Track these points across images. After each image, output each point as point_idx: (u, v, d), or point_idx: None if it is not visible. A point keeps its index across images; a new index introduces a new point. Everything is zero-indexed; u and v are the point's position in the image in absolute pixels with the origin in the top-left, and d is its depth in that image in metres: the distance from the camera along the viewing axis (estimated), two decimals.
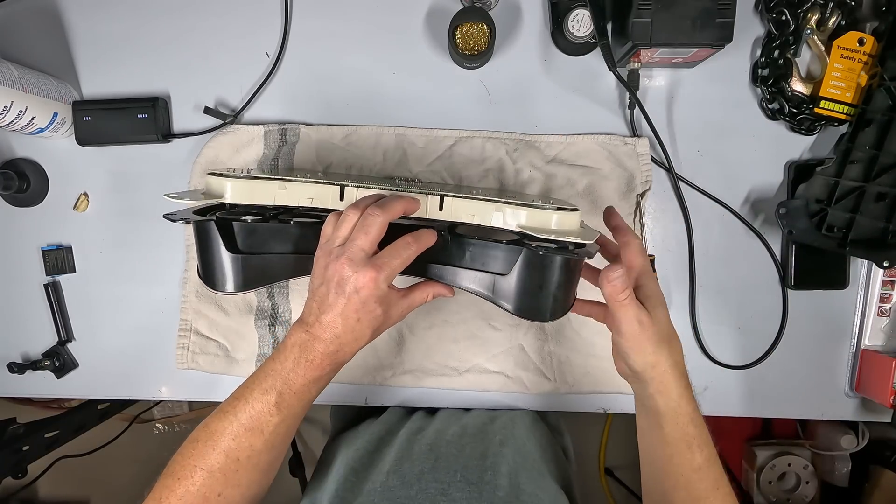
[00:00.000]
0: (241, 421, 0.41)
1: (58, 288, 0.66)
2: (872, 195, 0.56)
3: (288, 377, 0.42)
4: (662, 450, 0.44)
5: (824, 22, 0.58)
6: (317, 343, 0.42)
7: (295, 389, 0.42)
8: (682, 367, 0.45)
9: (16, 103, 0.56)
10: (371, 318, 0.42)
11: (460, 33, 0.57)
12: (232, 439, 0.41)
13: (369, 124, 0.63)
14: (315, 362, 0.42)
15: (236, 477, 0.42)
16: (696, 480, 0.43)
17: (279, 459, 0.46)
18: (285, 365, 0.42)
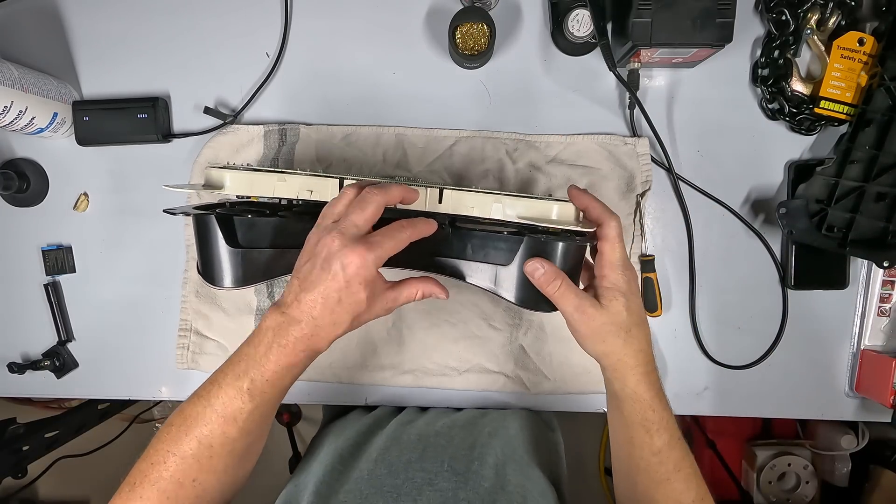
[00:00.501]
0: (214, 407, 0.40)
1: (58, 288, 0.66)
2: (872, 195, 0.56)
3: (260, 363, 0.40)
4: (623, 432, 0.46)
5: (824, 22, 0.58)
6: (291, 326, 0.39)
7: (267, 376, 0.40)
8: (644, 356, 0.44)
9: (16, 103, 0.56)
10: (353, 301, 0.39)
11: (460, 33, 0.57)
12: (205, 426, 0.40)
13: (369, 124, 0.63)
14: (288, 348, 0.39)
15: (210, 463, 0.40)
16: (655, 464, 0.44)
17: (258, 443, 0.45)
18: (258, 350, 0.40)
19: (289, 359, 0.40)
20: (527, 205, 0.47)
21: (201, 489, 0.41)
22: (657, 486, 0.44)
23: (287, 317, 0.39)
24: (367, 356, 0.63)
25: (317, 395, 0.65)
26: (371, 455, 0.51)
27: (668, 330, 0.63)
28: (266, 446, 0.64)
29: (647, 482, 0.45)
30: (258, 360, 0.40)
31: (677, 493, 0.44)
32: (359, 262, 0.38)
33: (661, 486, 0.44)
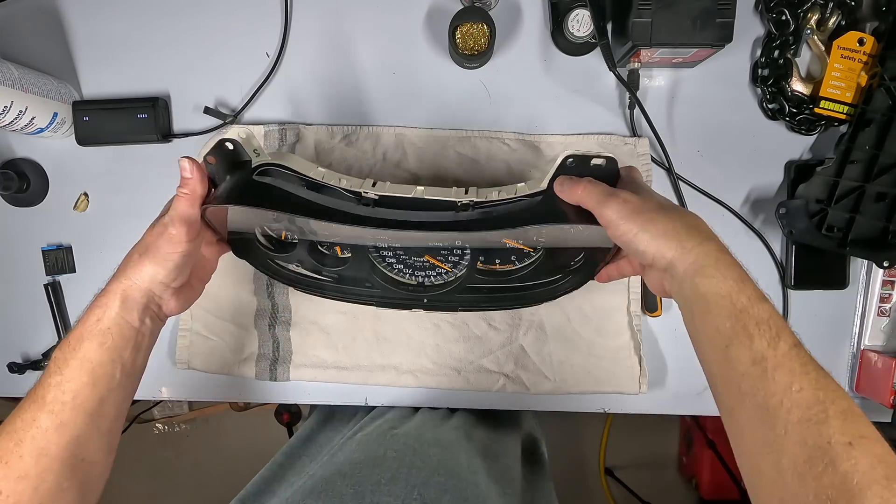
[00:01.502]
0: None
1: (58, 288, 0.66)
2: (872, 195, 0.56)
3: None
4: (708, 346, 0.36)
5: (824, 22, 0.58)
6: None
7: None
8: (709, 232, 0.39)
9: (16, 103, 0.56)
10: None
11: (460, 33, 0.57)
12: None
13: (369, 124, 0.63)
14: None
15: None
16: (757, 375, 0.32)
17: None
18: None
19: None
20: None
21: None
22: (765, 415, 0.31)
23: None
24: (368, 357, 0.63)
25: (317, 396, 0.65)
26: (343, 469, 0.48)
27: (668, 330, 0.63)
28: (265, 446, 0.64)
29: (751, 414, 0.32)
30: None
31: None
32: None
33: (772, 415, 0.31)
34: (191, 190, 0.42)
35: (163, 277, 0.43)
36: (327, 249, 0.58)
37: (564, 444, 1.46)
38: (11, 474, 0.37)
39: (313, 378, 0.64)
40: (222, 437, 1.55)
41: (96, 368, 0.40)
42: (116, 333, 0.41)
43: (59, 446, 0.38)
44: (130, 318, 0.42)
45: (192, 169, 0.42)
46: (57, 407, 0.39)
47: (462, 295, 0.57)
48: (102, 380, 0.40)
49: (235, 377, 0.64)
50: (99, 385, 0.40)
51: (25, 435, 0.38)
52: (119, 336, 0.41)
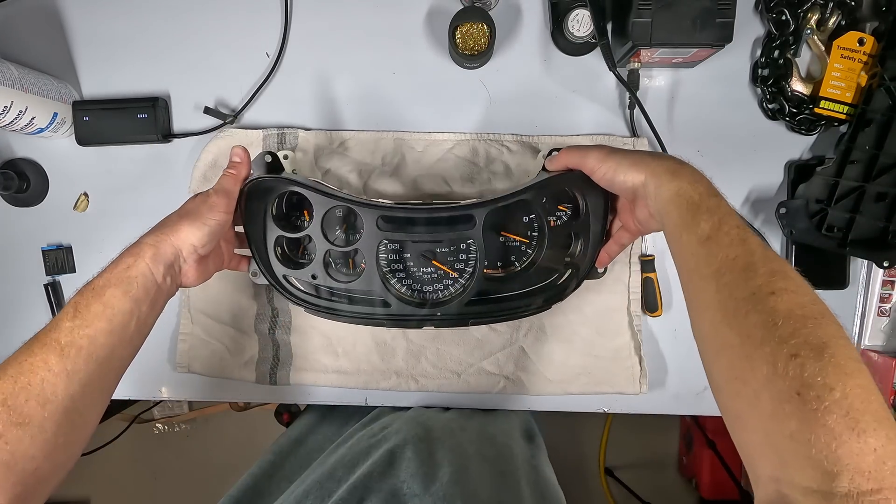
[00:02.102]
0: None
1: (58, 288, 0.66)
2: (872, 195, 0.56)
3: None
4: (671, 239, 0.40)
5: (824, 22, 0.58)
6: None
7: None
8: (690, 169, 0.42)
9: (16, 103, 0.56)
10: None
11: (460, 33, 0.57)
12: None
13: (368, 129, 0.63)
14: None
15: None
16: (703, 256, 0.36)
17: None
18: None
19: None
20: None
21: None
22: (703, 284, 0.36)
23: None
24: (368, 362, 0.63)
25: (317, 396, 0.65)
26: (336, 473, 0.50)
27: (668, 330, 0.63)
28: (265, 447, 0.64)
29: (697, 289, 0.37)
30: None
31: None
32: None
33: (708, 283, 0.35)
34: (237, 171, 0.49)
35: (196, 239, 0.45)
36: (340, 264, 0.59)
37: (564, 444, 1.46)
38: (13, 418, 0.34)
39: (314, 382, 0.64)
40: (222, 437, 1.55)
41: (115, 316, 0.39)
42: (140, 283, 0.41)
43: (65, 395, 0.36)
44: (157, 270, 0.43)
45: (242, 156, 0.50)
46: (72, 352, 0.37)
47: (471, 307, 0.57)
48: (118, 329, 0.40)
49: (236, 380, 0.64)
50: (114, 334, 0.39)
51: (34, 378, 0.35)
52: (142, 287, 0.42)
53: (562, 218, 0.58)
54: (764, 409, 0.30)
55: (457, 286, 0.59)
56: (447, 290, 0.59)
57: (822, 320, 0.30)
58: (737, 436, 0.33)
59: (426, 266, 0.59)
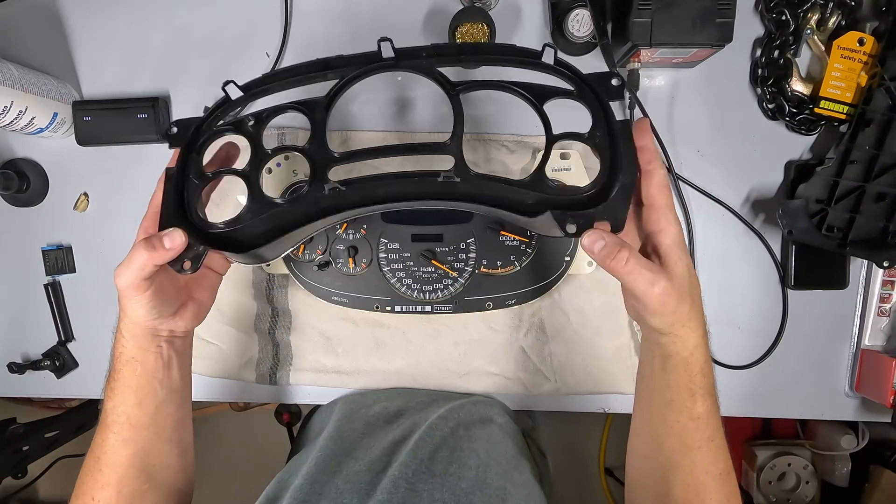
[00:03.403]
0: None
1: (58, 288, 0.66)
2: (872, 195, 0.56)
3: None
4: (663, 394, 0.42)
5: (824, 22, 0.58)
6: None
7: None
8: (702, 316, 0.41)
9: (16, 103, 0.56)
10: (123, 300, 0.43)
11: (460, 33, 0.57)
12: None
13: (368, 129, 0.62)
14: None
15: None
16: (692, 430, 0.41)
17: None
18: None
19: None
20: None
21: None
22: (686, 453, 0.42)
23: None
24: (368, 362, 0.63)
25: (317, 396, 0.65)
26: (354, 453, 0.52)
27: None
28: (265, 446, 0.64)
29: (676, 447, 0.42)
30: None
31: (706, 462, 0.42)
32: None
33: (691, 454, 0.42)
34: (156, 255, 0.39)
35: (144, 317, 0.42)
36: (340, 263, 0.59)
37: (564, 444, 1.46)
38: (97, 485, 0.44)
39: (314, 382, 0.64)
40: (222, 437, 1.55)
41: (137, 391, 0.44)
42: (142, 361, 0.44)
43: (127, 458, 0.44)
44: (146, 348, 0.44)
45: (176, 245, 0.40)
46: (117, 428, 0.44)
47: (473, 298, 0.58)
48: (147, 399, 0.44)
49: (236, 381, 0.64)
50: (145, 404, 0.44)
51: (101, 453, 0.44)
52: (145, 363, 0.44)
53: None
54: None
55: (456, 285, 0.59)
56: (446, 291, 0.59)
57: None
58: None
59: (426, 267, 0.59)
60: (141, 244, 0.40)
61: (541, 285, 0.60)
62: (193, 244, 0.40)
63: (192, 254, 0.41)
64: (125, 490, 0.44)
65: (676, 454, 0.42)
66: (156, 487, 0.46)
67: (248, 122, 0.44)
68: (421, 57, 0.43)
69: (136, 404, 0.44)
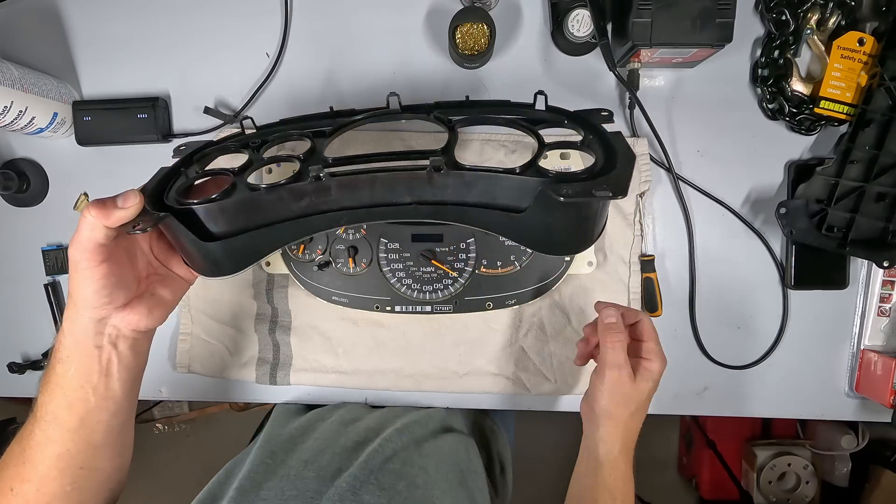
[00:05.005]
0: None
1: (58, 288, 0.66)
2: (872, 195, 0.56)
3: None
4: (588, 493, 0.50)
5: (824, 22, 0.58)
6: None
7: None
8: (634, 435, 0.50)
9: (16, 103, 0.56)
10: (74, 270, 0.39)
11: (460, 33, 0.57)
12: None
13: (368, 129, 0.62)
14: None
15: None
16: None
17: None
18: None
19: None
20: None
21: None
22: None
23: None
24: (368, 362, 0.63)
25: (317, 396, 0.65)
26: (303, 455, 0.50)
27: (668, 330, 0.63)
28: None
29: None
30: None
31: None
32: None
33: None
34: (106, 213, 0.37)
35: (92, 298, 0.38)
36: (341, 264, 0.59)
37: (565, 444, 1.46)
38: (18, 476, 0.42)
39: (313, 382, 0.64)
40: (222, 437, 1.55)
41: (68, 393, 0.41)
42: (77, 362, 0.40)
43: (52, 457, 0.41)
44: (85, 348, 0.40)
45: (131, 202, 0.37)
46: (44, 424, 0.41)
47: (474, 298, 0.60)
48: (77, 403, 0.41)
49: (235, 380, 0.64)
50: (75, 407, 0.41)
51: (27, 445, 0.42)
52: (79, 365, 0.40)
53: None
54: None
55: (456, 285, 0.59)
56: (446, 291, 0.60)
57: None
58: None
59: (426, 267, 0.59)
60: (91, 204, 0.36)
61: (541, 285, 0.60)
62: (150, 211, 0.38)
63: (148, 219, 0.38)
64: (45, 489, 0.42)
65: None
66: (82, 489, 0.43)
67: (252, 143, 0.47)
68: (424, 111, 0.47)
69: (66, 407, 0.41)
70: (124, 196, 0.37)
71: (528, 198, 0.39)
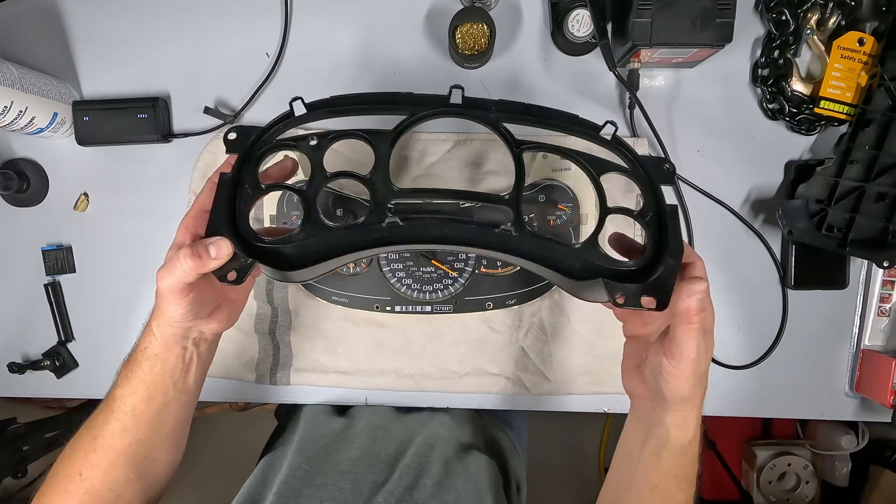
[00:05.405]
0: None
1: (58, 288, 0.66)
2: (872, 195, 0.56)
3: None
4: (648, 478, 0.43)
5: (824, 22, 0.58)
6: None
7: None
8: (701, 411, 0.43)
9: (16, 103, 0.56)
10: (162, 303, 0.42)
11: (460, 33, 0.57)
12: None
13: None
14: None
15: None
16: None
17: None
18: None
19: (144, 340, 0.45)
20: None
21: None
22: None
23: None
24: (368, 362, 0.63)
25: (317, 396, 0.65)
26: (340, 464, 0.53)
27: None
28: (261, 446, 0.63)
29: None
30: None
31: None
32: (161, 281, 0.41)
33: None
34: (200, 262, 0.39)
35: (180, 319, 0.42)
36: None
37: (564, 444, 1.46)
38: (87, 463, 0.45)
39: (314, 382, 0.64)
40: (222, 437, 1.55)
41: (150, 387, 0.45)
42: (164, 359, 0.44)
43: (123, 445, 0.45)
44: (171, 348, 0.44)
45: (222, 252, 0.39)
46: (121, 415, 0.45)
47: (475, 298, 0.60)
48: (157, 396, 0.45)
49: (235, 381, 0.64)
50: (154, 400, 0.45)
51: (99, 433, 0.45)
52: (166, 362, 0.44)
53: (561, 217, 0.59)
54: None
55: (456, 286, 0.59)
56: (446, 291, 0.60)
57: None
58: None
59: (426, 266, 0.59)
60: (187, 252, 0.38)
61: (541, 285, 0.60)
62: (239, 255, 0.40)
63: (237, 264, 0.40)
64: (111, 476, 0.45)
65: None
66: (141, 479, 0.47)
67: (310, 140, 0.44)
68: (489, 110, 0.45)
69: (146, 399, 0.45)
70: (217, 246, 0.39)
71: (583, 272, 0.42)
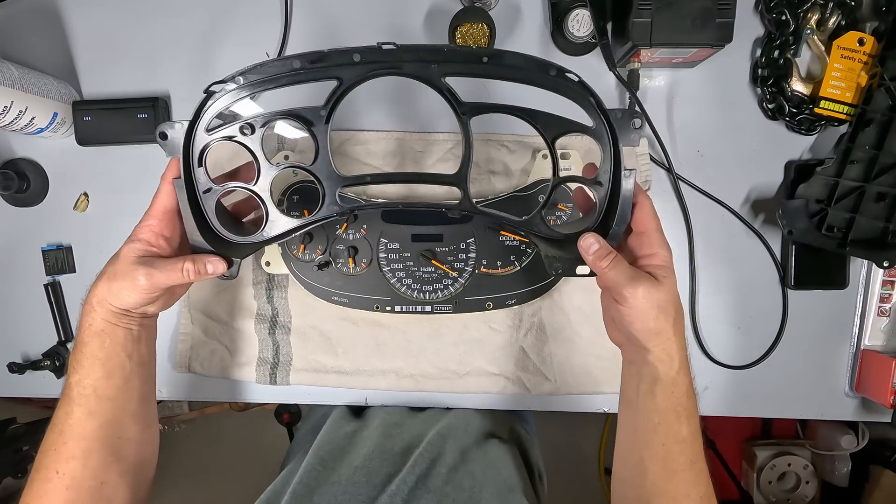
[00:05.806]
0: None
1: (58, 288, 0.66)
2: (872, 195, 0.56)
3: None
4: (649, 418, 0.43)
5: (824, 22, 0.58)
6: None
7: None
8: (683, 340, 0.44)
9: (16, 103, 0.56)
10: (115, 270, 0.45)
11: (460, 33, 0.57)
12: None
13: (368, 129, 0.62)
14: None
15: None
16: (676, 453, 0.43)
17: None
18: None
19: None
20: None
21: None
22: (670, 477, 0.42)
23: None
24: (368, 362, 0.63)
25: (317, 396, 0.65)
26: (353, 461, 0.54)
27: None
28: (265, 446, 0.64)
29: (660, 472, 0.43)
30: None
31: (689, 485, 0.42)
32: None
33: (674, 478, 0.42)
34: (197, 279, 0.46)
35: (133, 304, 0.45)
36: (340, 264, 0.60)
37: (564, 444, 1.46)
38: (61, 458, 0.44)
39: (313, 382, 0.64)
40: (222, 437, 1.55)
41: (105, 363, 0.45)
42: (111, 333, 0.45)
43: (93, 430, 0.44)
44: (118, 322, 0.45)
45: (216, 268, 0.46)
46: (83, 400, 0.44)
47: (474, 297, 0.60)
48: (116, 371, 0.45)
49: (235, 380, 0.64)
50: (114, 375, 0.45)
51: (66, 426, 0.44)
52: (114, 335, 0.45)
53: (561, 217, 0.59)
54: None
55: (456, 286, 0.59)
56: (446, 291, 0.60)
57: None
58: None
59: (426, 267, 0.59)
60: (190, 267, 0.45)
61: (541, 285, 0.60)
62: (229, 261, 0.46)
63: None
64: (90, 462, 0.44)
65: (660, 480, 0.43)
66: (120, 459, 0.46)
67: (243, 132, 0.47)
68: (430, 63, 0.44)
69: (104, 376, 0.45)
70: (214, 264, 0.46)
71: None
